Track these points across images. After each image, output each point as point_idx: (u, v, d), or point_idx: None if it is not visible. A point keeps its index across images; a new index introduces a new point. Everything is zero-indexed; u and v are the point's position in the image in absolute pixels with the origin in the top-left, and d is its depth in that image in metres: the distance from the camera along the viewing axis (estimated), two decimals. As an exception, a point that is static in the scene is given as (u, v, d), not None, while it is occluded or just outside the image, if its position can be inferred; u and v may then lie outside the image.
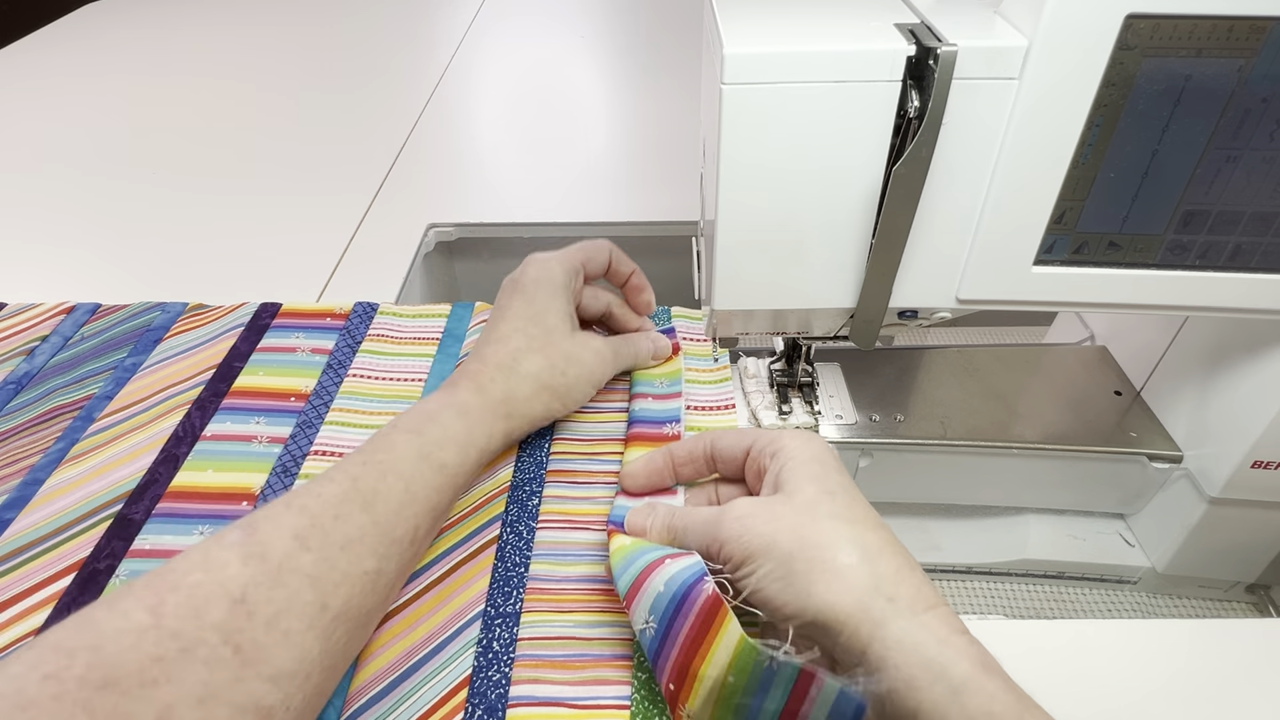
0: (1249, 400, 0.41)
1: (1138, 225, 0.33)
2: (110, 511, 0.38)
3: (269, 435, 0.42)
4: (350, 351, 0.48)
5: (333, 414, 0.43)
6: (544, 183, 0.71)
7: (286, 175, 0.72)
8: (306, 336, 0.49)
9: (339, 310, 0.51)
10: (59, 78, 0.93)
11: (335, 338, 0.49)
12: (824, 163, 0.33)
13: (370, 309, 0.51)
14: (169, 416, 0.43)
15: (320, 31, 1.06)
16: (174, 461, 0.40)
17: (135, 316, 0.52)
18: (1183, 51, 0.29)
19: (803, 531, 0.28)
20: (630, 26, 1.09)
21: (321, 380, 0.46)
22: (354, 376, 0.46)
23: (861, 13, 0.33)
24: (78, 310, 0.52)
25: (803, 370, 0.49)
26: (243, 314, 0.51)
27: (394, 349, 0.48)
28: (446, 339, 0.49)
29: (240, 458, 0.41)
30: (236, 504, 0.39)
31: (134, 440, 0.42)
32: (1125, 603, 0.51)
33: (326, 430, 0.42)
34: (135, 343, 0.49)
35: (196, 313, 0.52)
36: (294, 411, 0.44)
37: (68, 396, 0.45)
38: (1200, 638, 0.34)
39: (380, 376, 0.46)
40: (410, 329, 0.50)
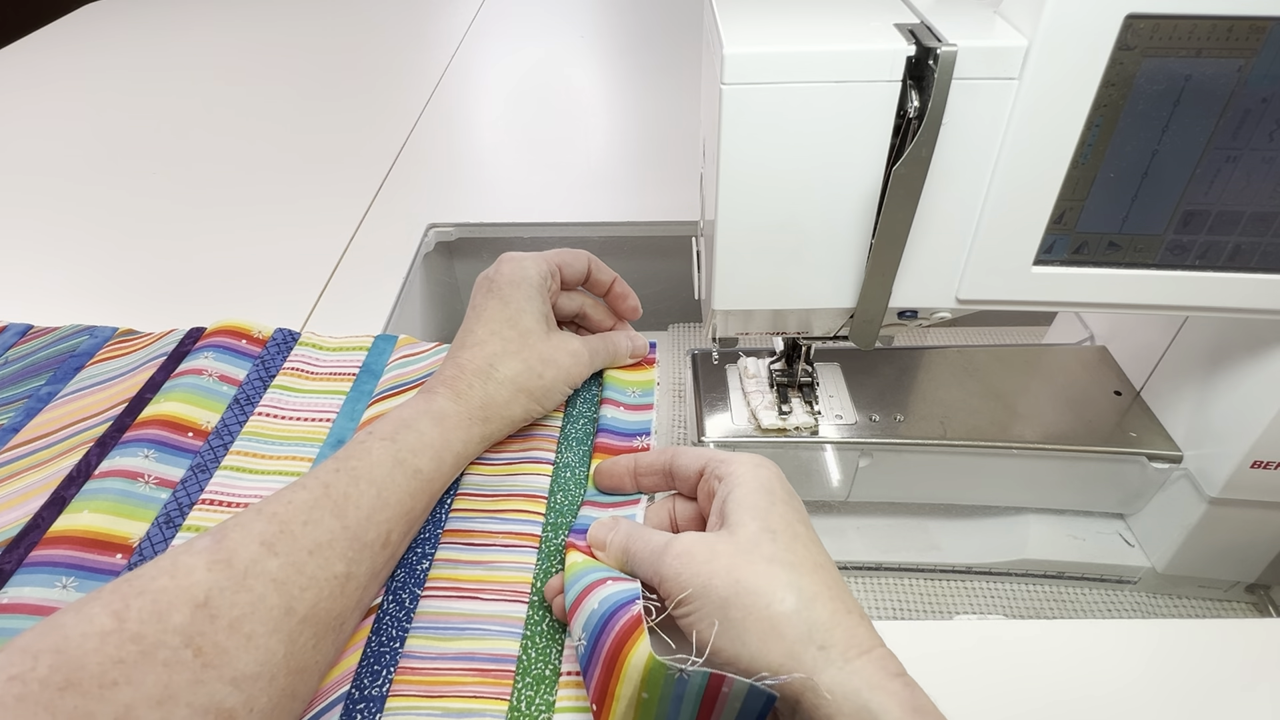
0: (1249, 400, 0.41)
1: (1138, 225, 0.33)
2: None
3: (157, 475, 0.38)
4: (261, 385, 0.44)
5: (230, 457, 0.40)
6: (544, 183, 0.71)
7: (286, 175, 0.72)
8: (216, 358, 0.45)
9: (257, 333, 0.47)
10: (59, 78, 0.93)
11: (248, 367, 0.45)
12: (824, 163, 0.33)
13: (291, 337, 0.48)
14: (69, 455, 0.39)
15: (320, 32, 1.06)
16: (59, 504, 0.37)
17: (62, 340, 0.48)
18: (1183, 51, 0.29)
19: (738, 574, 0.27)
20: (630, 26, 1.09)
21: (225, 417, 0.42)
22: (260, 415, 0.43)
23: (861, 13, 0.33)
24: (8, 331, 0.50)
25: (803, 370, 0.49)
26: (168, 341, 0.47)
27: (306, 384, 0.45)
28: (363, 374, 0.46)
29: (122, 499, 0.37)
30: (109, 555, 0.34)
31: (28, 480, 0.38)
32: (1125, 603, 0.51)
33: (220, 476, 0.39)
34: (56, 369, 0.46)
35: (125, 339, 0.49)
36: (190, 450, 0.40)
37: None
38: (1200, 638, 0.34)
39: (286, 415, 0.43)
40: (327, 363, 0.47)
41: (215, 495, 0.38)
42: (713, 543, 0.29)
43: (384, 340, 0.48)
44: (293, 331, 0.48)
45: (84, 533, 0.35)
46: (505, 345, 0.38)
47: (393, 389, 0.44)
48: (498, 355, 0.38)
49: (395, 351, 0.47)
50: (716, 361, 0.54)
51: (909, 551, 0.53)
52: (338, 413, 0.43)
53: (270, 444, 0.41)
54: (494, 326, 0.39)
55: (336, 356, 0.47)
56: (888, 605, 0.52)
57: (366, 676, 0.31)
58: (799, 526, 0.29)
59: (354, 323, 0.53)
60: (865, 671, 0.26)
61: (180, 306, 0.55)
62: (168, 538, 0.36)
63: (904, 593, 0.52)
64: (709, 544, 0.29)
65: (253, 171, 0.72)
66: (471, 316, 0.40)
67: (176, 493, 0.38)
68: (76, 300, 0.56)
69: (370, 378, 0.46)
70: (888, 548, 0.53)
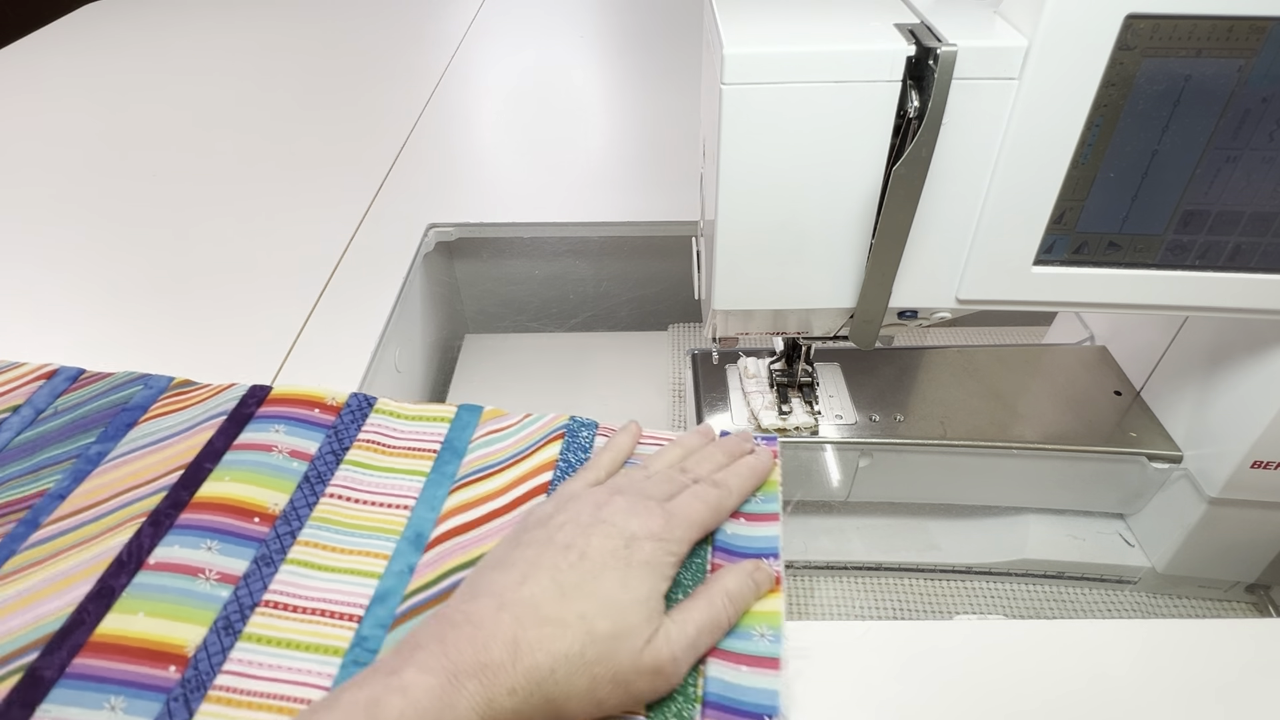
0: (1249, 400, 0.41)
1: (1138, 225, 0.33)
2: (21, 663, 0.31)
3: (219, 570, 0.35)
4: (334, 460, 0.41)
5: (298, 548, 0.37)
6: (544, 183, 0.71)
7: (286, 175, 0.72)
8: (288, 431, 0.41)
9: (331, 401, 0.44)
10: (59, 78, 0.93)
11: (320, 439, 0.42)
12: (824, 163, 0.33)
13: (366, 403, 0.44)
14: (118, 532, 0.37)
15: (320, 32, 1.06)
16: (108, 597, 0.34)
17: (115, 390, 0.46)
18: (1183, 51, 0.29)
19: None
20: (630, 26, 1.09)
21: (294, 498, 0.39)
22: (332, 496, 0.39)
23: (861, 13, 0.33)
24: (58, 376, 0.47)
25: (803, 370, 0.49)
26: (228, 398, 0.43)
27: (383, 460, 0.41)
28: (445, 452, 0.42)
29: (180, 598, 0.34)
30: (162, 667, 0.31)
31: (73, 561, 0.36)
32: (1125, 603, 0.51)
33: (286, 572, 0.36)
34: (107, 424, 0.43)
35: (181, 391, 0.45)
36: (255, 539, 0.36)
37: (20, 490, 0.40)
38: (1200, 638, 0.34)
39: (362, 499, 0.39)
40: (405, 434, 0.43)
41: (280, 597, 0.35)
42: None
43: (468, 411, 0.44)
44: (368, 397, 0.44)
45: (137, 640, 0.32)
46: (584, 649, 0.27)
47: (477, 473, 0.40)
48: (566, 660, 0.27)
49: (480, 426, 0.43)
50: (716, 361, 0.54)
51: (909, 551, 0.53)
52: (417, 499, 0.39)
53: (342, 534, 0.37)
54: (586, 609, 0.28)
55: (416, 427, 0.43)
56: (888, 605, 0.52)
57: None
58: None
59: (354, 322, 0.53)
60: None
61: (180, 306, 0.55)
62: (226, 647, 0.33)
63: (904, 593, 0.52)
64: None
65: (253, 171, 0.72)
66: (559, 557, 0.30)
67: (238, 590, 0.35)
68: (77, 300, 0.56)
69: (453, 457, 0.41)
70: (888, 548, 0.53)
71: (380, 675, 0.26)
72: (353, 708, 0.25)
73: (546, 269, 0.77)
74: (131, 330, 0.53)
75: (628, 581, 0.29)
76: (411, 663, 0.26)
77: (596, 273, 0.77)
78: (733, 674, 0.31)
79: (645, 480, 0.35)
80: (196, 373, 0.48)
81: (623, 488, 0.34)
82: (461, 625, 0.28)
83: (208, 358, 0.50)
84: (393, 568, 0.36)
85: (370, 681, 0.26)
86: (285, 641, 0.33)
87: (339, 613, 0.34)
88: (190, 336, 0.52)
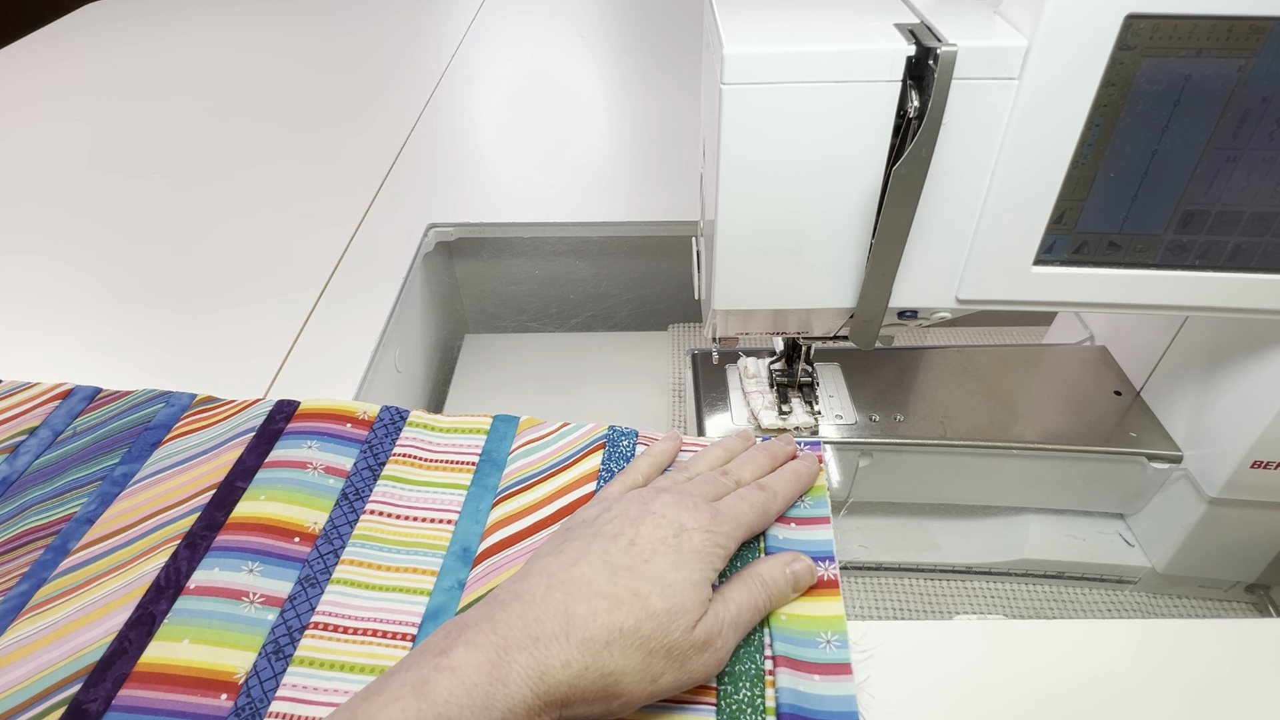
0: (1249, 400, 0.41)
1: (1138, 225, 0.33)
2: (63, 696, 0.31)
3: (263, 593, 0.34)
4: (371, 476, 0.40)
5: (342, 568, 0.36)
6: (544, 183, 0.71)
7: (286, 175, 0.72)
8: (321, 447, 0.41)
9: (363, 415, 0.43)
10: (59, 78, 0.93)
11: (355, 454, 0.41)
12: (824, 163, 0.33)
13: (399, 416, 0.43)
14: (152, 556, 0.36)
15: (320, 32, 1.06)
16: (149, 624, 0.33)
17: (136, 409, 0.44)
18: (1183, 51, 0.29)
19: None
20: (630, 26, 1.09)
21: (333, 516, 0.38)
22: (372, 513, 0.38)
23: (861, 13, 0.33)
24: (74, 395, 0.46)
25: (803, 370, 0.49)
26: (254, 415, 0.43)
27: (421, 474, 0.41)
28: (484, 465, 0.41)
29: (225, 623, 0.33)
30: (214, 695, 0.31)
31: (108, 589, 0.35)
32: (1125, 603, 0.51)
33: (333, 592, 0.35)
34: (130, 445, 0.42)
35: (204, 409, 0.44)
36: (297, 560, 0.36)
37: (45, 516, 0.38)
38: (1200, 638, 0.34)
39: (403, 515, 0.39)
40: (441, 447, 0.42)
41: (328, 618, 0.34)
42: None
43: (503, 422, 0.43)
44: (400, 410, 0.44)
45: (185, 669, 0.31)
46: (639, 624, 0.27)
47: (519, 484, 0.40)
48: (622, 635, 0.27)
49: (517, 437, 0.42)
50: (716, 361, 0.54)
51: (909, 551, 0.53)
52: (460, 513, 0.39)
53: (387, 551, 0.37)
54: (640, 588, 0.28)
55: (452, 440, 0.42)
56: (888, 605, 0.52)
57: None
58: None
59: (354, 322, 0.53)
60: None
61: (181, 306, 0.55)
62: (278, 672, 0.32)
63: (904, 593, 0.52)
64: None
65: (253, 171, 0.72)
66: (609, 543, 0.30)
67: (285, 613, 0.34)
68: (76, 300, 0.56)
69: (493, 469, 0.41)
70: (888, 548, 0.53)
71: (428, 655, 0.26)
72: (401, 689, 0.25)
73: (546, 269, 0.77)
74: (131, 330, 0.53)
75: (679, 565, 0.29)
76: (460, 641, 0.26)
77: (596, 273, 0.77)
78: (806, 684, 0.30)
79: (688, 481, 0.35)
80: (196, 372, 0.48)
81: (667, 488, 0.33)
82: (511, 603, 0.27)
83: (208, 358, 0.50)
84: (442, 584, 0.35)
85: (419, 663, 0.25)
86: (338, 664, 0.32)
87: (392, 632, 0.34)
88: (191, 336, 0.52)
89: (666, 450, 0.39)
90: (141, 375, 0.48)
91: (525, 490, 0.39)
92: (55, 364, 0.49)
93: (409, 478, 0.40)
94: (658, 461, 0.38)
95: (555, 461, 0.40)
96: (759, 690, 0.30)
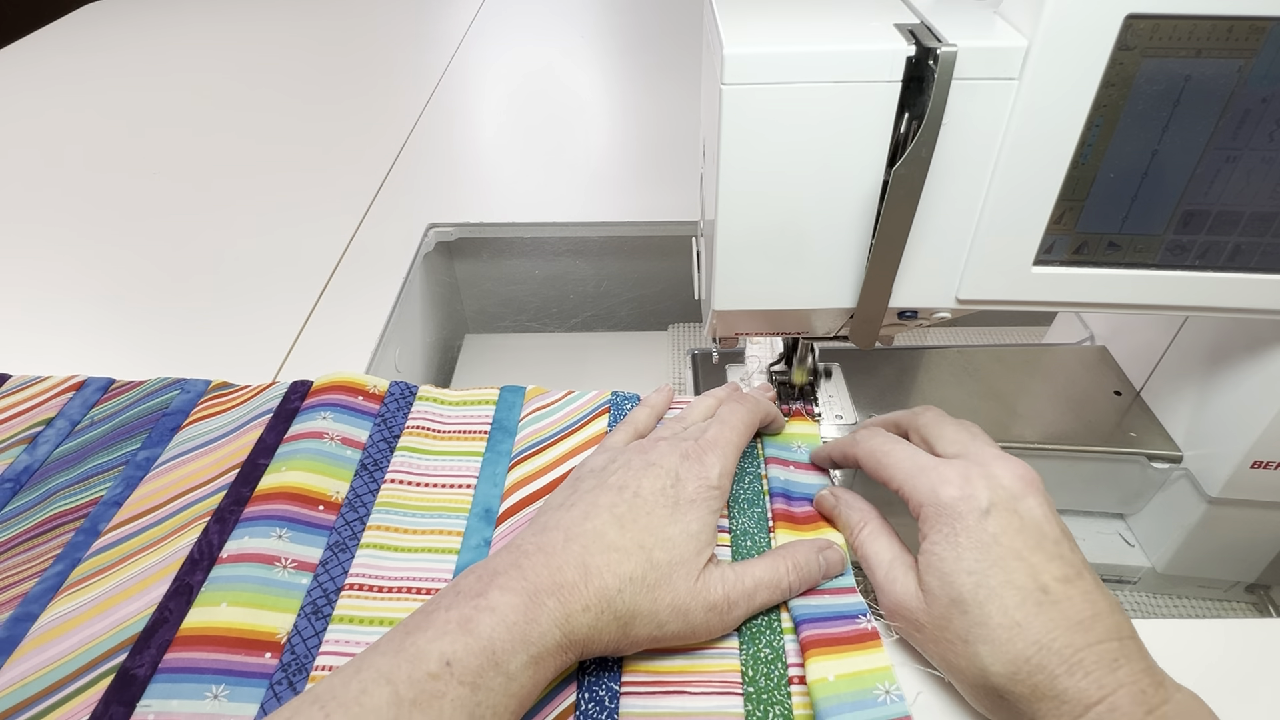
0: (1249, 400, 0.41)
1: (1137, 225, 0.33)
2: (111, 664, 0.32)
3: (294, 558, 0.35)
4: (387, 448, 0.41)
5: (369, 533, 0.37)
6: (544, 183, 0.71)
7: (286, 175, 0.72)
8: (335, 418, 0.42)
9: (373, 389, 0.44)
10: (59, 78, 0.93)
11: (369, 427, 0.42)
12: (824, 163, 0.33)
13: (409, 391, 0.44)
14: (184, 533, 0.37)
15: (320, 31, 1.06)
16: (187, 594, 0.34)
17: (151, 396, 0.45)
18: (1182, 51, 0.29)
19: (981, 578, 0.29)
20: (630, 26, 1.09)
21: (355, 485, 0.39)
22: (392, 482, 0.39)
23: (861, 13, 0.33)
24: (88, 387, 0.46)
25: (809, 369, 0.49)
26: (271, 397, 0.44)
27: (435, 444, 0.42)
28: (496, 432, 0.42)
29: (261, 587, 0.34)
30: (258, 654, 0.32)
31: (143, 565, 0.35)
32: (1125, 603, 0.51)
33: (363, 556, 0.36)
34: (150, 431, 0.43)
35: (220, 394, 0.45)
36: (324, 527, 0.37)
37: (70, 500, 0.39)
38: (1200, 638, 0.34)
39: (422, 482, 0.40)
40: (453, 419, 0.43)
41: (361, 579, 0.35)
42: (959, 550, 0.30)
43: (511, 392, 0.45)
44: (409, 385, 0.45)
45: (226, 630, 0.32)
46: (645, 573, 0.30)
47: (532, 448, 0.41)
48: (631, 582, 0.30)
49: (525, 405, 0.44)
50: (716, 361, 0.54)
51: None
52: (478, 477, 0.40)
53: (411, 516, 0.38)
54: (644, 540, 0.31)
55: (461, 411, 0.44)
56: (888, 605, 0.51)
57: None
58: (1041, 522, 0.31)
59: (355, 322, 0.53)
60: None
61: (181, 306, 0.55)
62: (319, 630, 0.33)
63: (904, 593, 0.52)
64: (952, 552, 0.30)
65: (253, 171, 0.72)
66: (616, 496, 0.32)
67: (318, 577, 0.35)
68: (76, 301, 0.56)
69: (505, 436, 0.42)
70: (888, 548, 0.53)
71: (466, 598, 0.28)
72: (447, 625, 0.27)
73: (546, 269, 0.77)
74: (132, 330, 0.53)
75: (676, 518, 0.32)
76: (494, 585, 0.28)
77: (596, 273, 0.77)
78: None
79: (684, 430, 0.38)
80: (197, 372, 0.48)
81: (665, 437, 0.36)
82: (534, 554, 0.30)
83: (208, 357, 0.50)
84: (469, 542, 0.37)
85: (458, 603, 0.28)
86: (378, 620, 0.33)
87: (426, 589, 0.35)
88: (191, 336, 0.52)
89: (661, 400, 0.43)
90: (143, 374, 0.48)
91: (539, 453, 0.41)
92: (54, 366, 0.49)
93: (425, 448, 0.42)
94: (655, 411, 0.42)
95: (564, 426, 0.42)
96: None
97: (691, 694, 0.31)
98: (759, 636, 0.32)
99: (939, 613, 0.29)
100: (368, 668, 0.26)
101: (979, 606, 0.28)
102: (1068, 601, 0.28)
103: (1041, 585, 0.28)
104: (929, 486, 0.31)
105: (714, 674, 0.31)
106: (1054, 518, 0.31)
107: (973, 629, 0.28)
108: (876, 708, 0.29)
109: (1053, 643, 0.27)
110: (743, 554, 0.36)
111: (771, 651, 0.32)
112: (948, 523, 0.30)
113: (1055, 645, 0.27)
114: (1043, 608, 0.27)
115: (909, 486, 0.32)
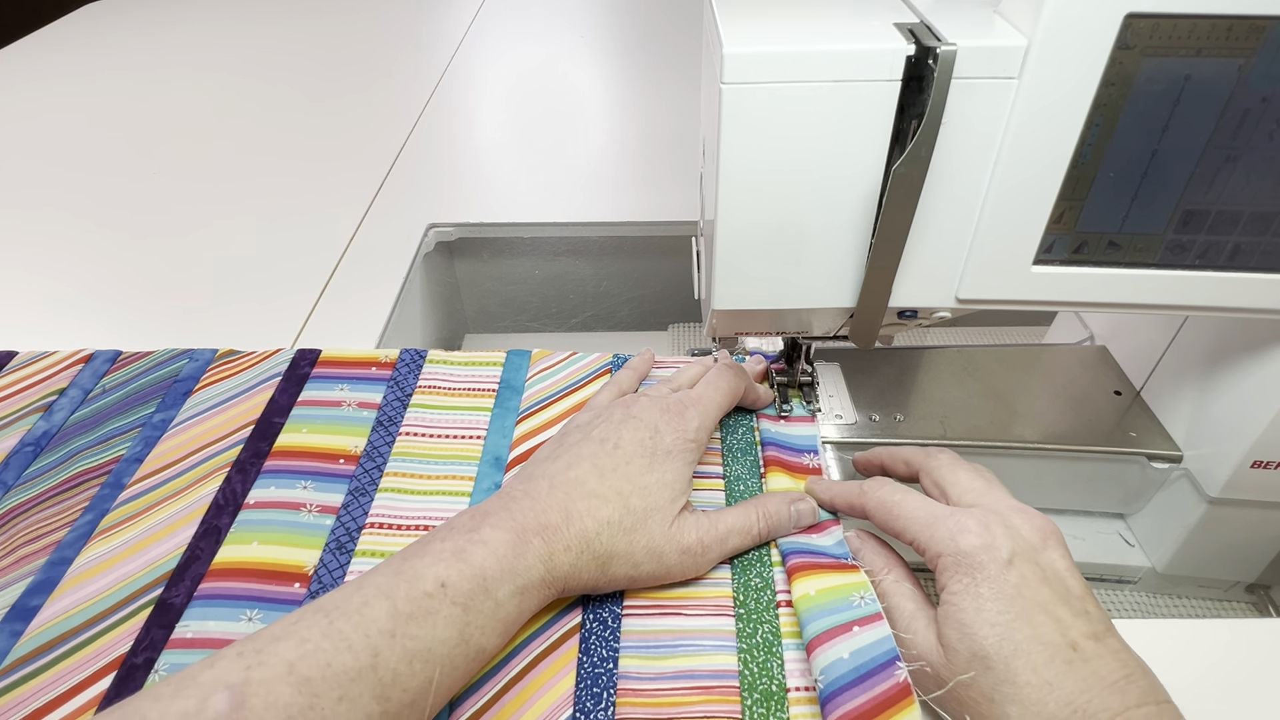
0: (1249, 400, 0.41)
1: (1137, 225, 0.33)
2: (150, 597, 0.34)
3: (318, 503, 0.38)
4: (400, 405, 0.44)
5: (387, 479, 0.39)
6: (544, 183, 0.71)
7: (286, 175, 0.72)
8: (352, 389, 0.44)
9: (384, 359, 0.47)
10: (59, 78, 0.93)
11: (383, 390, 0.45)
12: (824, 163, 0.33)
13: (418, 356, 0.47)
14: (207, 481, 0.39)
15: (320, 32, 1.06)
16: (216, 535, 0.36)
17: (161, 365, 0.47)
18: (1182, 51, 0.29)
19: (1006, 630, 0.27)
20: (630, 26, 1.09)
21: (372, 439, 0.41)
22: (407, 434, 0.42)
23: (861, 13, 0.33)
24: (96, 359, 0.48)
25: (802, 370, 0.49)
26: (278, 362, 0.46)
27: (448, 401, 0.44)
28: (504, 390, 0.45)
29: (288, 529, 0.36)
30: (288, 584, 0.34)
31: (170, 510, 0.38)
32: (1125, 603, 0.51)
33: (382, 499, 0.38)
34: (163, 396, 0.45)
35: (227, 360, 0.47)
36: (344, 476, 0.39)
37: (93, 459, 0.41)
38: (1200, 638, 0.34)
39: (436, 434, 0.42)
40: (463, 378, 0.46)
41: (381, 518, 0.37)
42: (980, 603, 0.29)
43: (517, 355, 0.48)
44: (419, 350, 0.48)
45: (257, 564, 0.35)
46: (622, 518, 0.32)
47: (539, 404, 0.44)
48: (609, 526, 0.32)
49: (531, 366, 0.47)
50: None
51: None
52: (487, 429, 0.43)
53: (426, 463, 0.41)
54: (622, 488, 0.33)
55: (471, 371, 0.47)
56: (888, 605, 0.51)
57: (588, 700, 0.30)
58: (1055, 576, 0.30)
59: (355, 322, 0.53)
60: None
61: (181, 306, 0.55)
62: (343, 563, 0.35)
63: (904, 593, 0.52)
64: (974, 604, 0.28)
65: (253, 171, 0.72)
66: (597, 448, 0.34)
67: (341, 517, 0.37)
68: (77, 301, 0.56)
69: (512, 394, 0.45)
70: (888, 548, 0.53)
71: (460, 532, 0.30)
72: (442, 553, 0.29)
73: (546, 269, 0.77)
74: (132, 330, 0.53)
75: (653, 467, 0.34)
76: (485, 524, 0.31)
77: (596, 273, 0.77)
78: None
79: (670, 392, 0.40)
80: (196, 372, 0.47)
81: (649, 394, 0.39)
82: (521, 499, 0.32)
83: (208, 357, 0.50)
84: (480, 486, 0.40)
85: (452, 536, 0.30)
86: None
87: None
88: (191, 337, 0.52)
89: (643, 362, 0.45)
90: (141, 375, 0.48)
91: (544, 409, 0.44)
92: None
93: (436, 404, 0.44)
94: (638, 372, 0.44)
95: (568, 384, 0.46)
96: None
97: (687, 615, 0.34)
98: (750, 568, 0.36)
99: (960, 668, 0.28)
100: (369, 585, 0.28)
101: (1004, 663, 0.27)
102: (1099, 660, 0.26)
103: (1070, 642, 0.27)
104: (947, 535, 0.30)
105: (708, 598, 0.34)
106: (1075, 571, 0.30)
107: (999, 687, 0.27)
108: (851, 609, 0.32)
109: (1088, 704, 0.25)
110: (736, 498, 0.39)
111: (761, 580, 0.35)
112: (968, 572, 0.29)
113: (1091, 708, 0.25)
114: (1073, 666, 0.26)
115: (925, 536, 0.31)
